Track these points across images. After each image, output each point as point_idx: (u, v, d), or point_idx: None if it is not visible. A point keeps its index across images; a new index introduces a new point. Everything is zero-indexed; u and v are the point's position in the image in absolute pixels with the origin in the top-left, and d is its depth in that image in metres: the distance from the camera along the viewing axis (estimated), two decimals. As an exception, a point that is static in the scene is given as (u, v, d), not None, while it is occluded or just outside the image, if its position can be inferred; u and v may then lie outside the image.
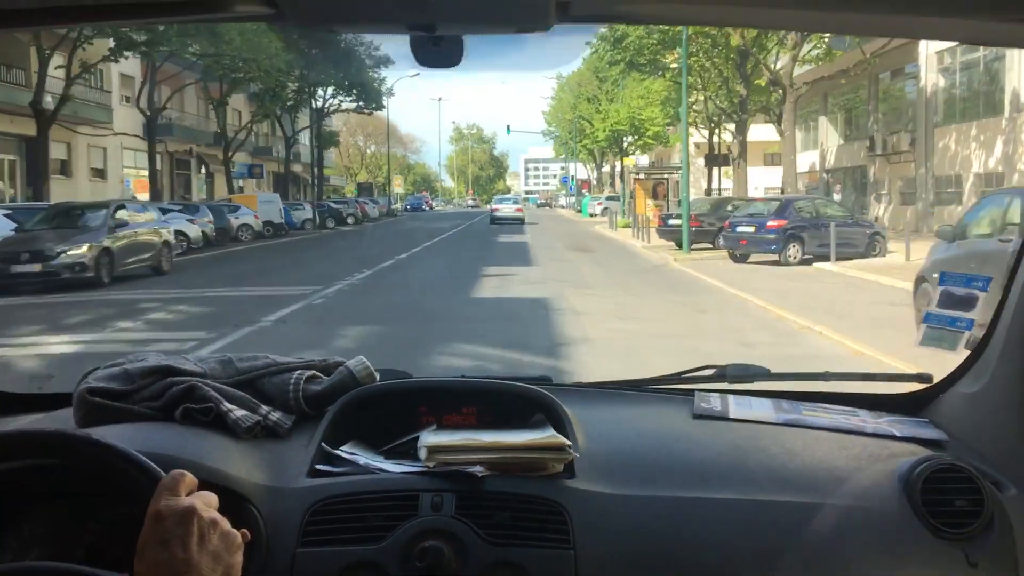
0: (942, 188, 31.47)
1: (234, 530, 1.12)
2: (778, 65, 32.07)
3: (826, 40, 30.06)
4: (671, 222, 26.98)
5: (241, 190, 44.66)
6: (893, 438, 1.81)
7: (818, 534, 1.59)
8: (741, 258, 21.80)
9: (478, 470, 1.59)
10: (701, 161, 42.61)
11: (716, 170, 40.40)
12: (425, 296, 15.60)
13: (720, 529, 1.58)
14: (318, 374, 1.89)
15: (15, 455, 1.28)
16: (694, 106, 36.36)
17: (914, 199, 32.83)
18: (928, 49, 31.61)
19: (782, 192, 31.15)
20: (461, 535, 1.53)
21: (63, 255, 16.81)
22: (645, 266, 22.04)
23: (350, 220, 46.35)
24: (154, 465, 1.24)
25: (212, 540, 1.08)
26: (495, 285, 16.95)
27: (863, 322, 11.53)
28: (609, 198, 55.00)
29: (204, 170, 46.01)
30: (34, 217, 18.94)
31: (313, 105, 48.05)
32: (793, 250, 20.77)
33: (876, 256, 20.71)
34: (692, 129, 38.54)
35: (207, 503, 1.12)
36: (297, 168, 57.34)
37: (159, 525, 1.07)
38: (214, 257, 25.23)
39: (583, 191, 72.26)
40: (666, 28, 30.35)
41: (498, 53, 1.48)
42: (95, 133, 35.39)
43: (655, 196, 36.82)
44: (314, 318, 12.65)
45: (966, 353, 1.91)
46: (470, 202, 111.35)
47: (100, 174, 36.58)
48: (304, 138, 55.46)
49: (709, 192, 39.61)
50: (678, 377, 2.16)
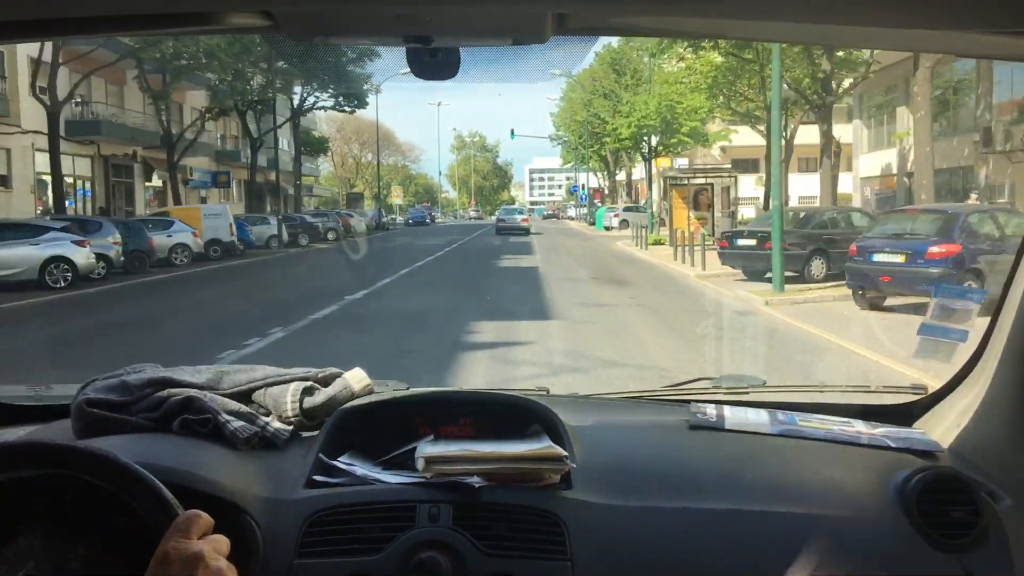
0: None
1: None
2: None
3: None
4: (740, 242, 18.63)
5: (204, 201, 38.22)
6: (888, 448, 1.81)
7: (814, 545, 1.59)
8: (875, 302, 13.81)
9: (475, 481, 1.59)
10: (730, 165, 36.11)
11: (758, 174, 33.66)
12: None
13: (716, 540, 1.58)
14: (316, 385, 1.90)
15: (14, 466, 1.28)
16: (749, 92, 30.86)
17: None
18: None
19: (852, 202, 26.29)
20: (458, 546, 1.53)
21: None
22: (728, 316, 14.35)
23: (330, 236, 39.45)
24: (155, 479, 1.25)
25: None
26: (490, 379, 8.53)
27: None
28: (627, 208, 48.96)
29: (154, 178, 37.42)
30: None
31: (292, 103, 42.43)
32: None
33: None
34: (739, 126, 35.22)
35: (217, 549, 1.10)
36: (281, 178, 49.45)
37: (164, 568, 1.05)
38: (102, 293, 18.50)
39: (595, 201, 65.88)
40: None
41: (495, 64, 1.48)
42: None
43: (696, 206, 29.49)
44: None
45: (961, 363, 1.92)
46: (472, 213, 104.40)
47: (3, 181, 28.39)
48: (286, 143, 49.31)
49: (766, 204, 29.51)
50: (674, 388, 2.17)
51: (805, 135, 31.65)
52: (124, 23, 1.33)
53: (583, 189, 70.99)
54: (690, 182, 31.20)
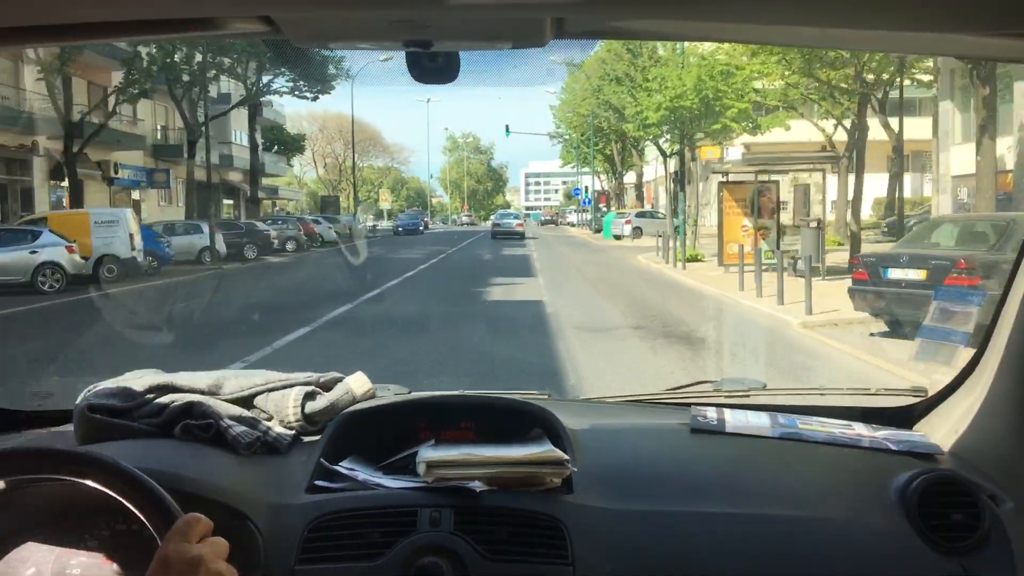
0: None
1: None
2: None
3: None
4: (895, 276, 11.02)
5: (138, 205, 32.25)
6: (889, 451, 1.81)
7: (815, 548, 1.59)
8: None
9: (476, 485, 1.60)
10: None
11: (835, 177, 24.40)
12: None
13: (717, 544, 1.58)
14: (317, 390, 1.90)
15: (17, 471, 1.29)
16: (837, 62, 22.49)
17: None
18: None
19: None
20: (460, 551, 1.53)
21: None
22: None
23: (289, 247, 33.44)
24: (157, 485, 1.25)
25: None
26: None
27: None
28: (640, 215, 42.44)
29: (63, 175, 27.83)
30: None
31: (246, 87, 35.05)
32: None
33: None
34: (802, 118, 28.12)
35: (216, 552, 1.11)
36: (236, 177, 41.80)
37: (165, 571, 1.06)
38: None
39: (600, 206, 57.59)
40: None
41: (495, 68, 1.49)
42: None
43: (758, 212, 20.52)
44: None
45: (961, 365, 1.92)
46: (465, 219, 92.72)
47: None
48: (265, 138, 43.83)
49: (857, 208, 22.81)
50: (675, 391, 2.17)
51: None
52: (124, 28, 1.34)
53: (586, 192, 61.98)
54: (760, 178, 21.31)
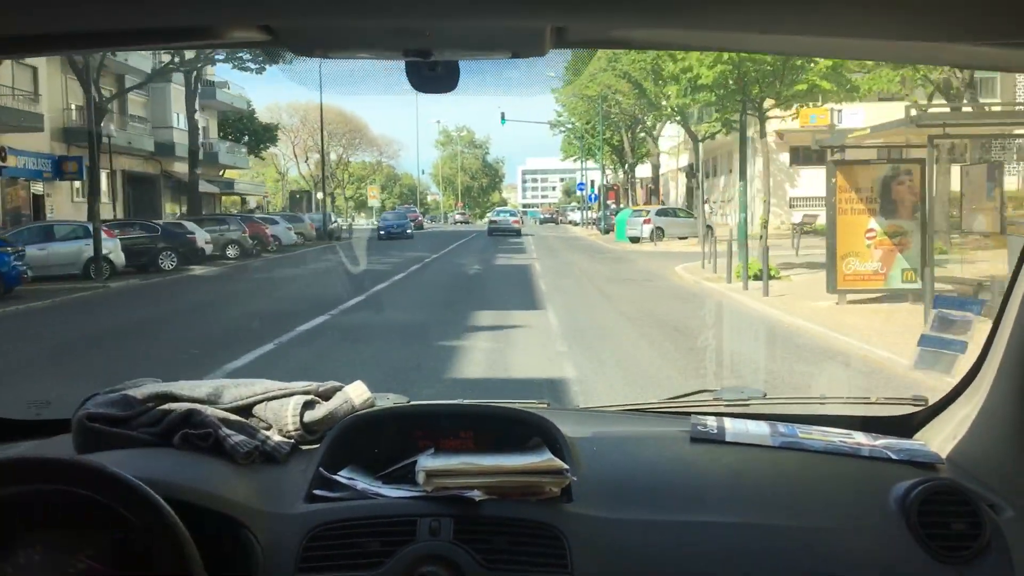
0: None
1: None
2: None
3: None
4: None
5: (40, 200, 26.95)
6: (889, 460, 1.81)
7: (815, 557, 1.59)
8: None
9: (476, 494, 1.59)
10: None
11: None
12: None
13: (717, 553, 1.58)
14: (316, 399, 1.89)
15: (16, 481, 1.28)
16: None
17: None
18: None
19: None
20: (459, 560, 1.52)
21: None
22: None
23: (231, 252, 27.65)
24: (155, 494, 1.25)
25: None
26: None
27: None
28: (661, 212, 35.83)
29: None
30: None
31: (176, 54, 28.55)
32: None
33: None
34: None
35: None
36: (183, 169, 34.39)
37: None
38: None
39: (608, 202, 50.67)
40: None
41: (494, 77, 1.49)
42: None
43: (891, 208, 12.93)
44: None
45: (961, 374, 1.92)
46: (458, 217, 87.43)
47: None
48: (228, 127, 38.50)
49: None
50: (674, 400, 2.17)
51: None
52: (125, 38, 1.34)
53: (592, 187, 55.65)
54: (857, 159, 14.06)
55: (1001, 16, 1.18)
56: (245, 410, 1.86)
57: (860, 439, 1.90)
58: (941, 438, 1.89)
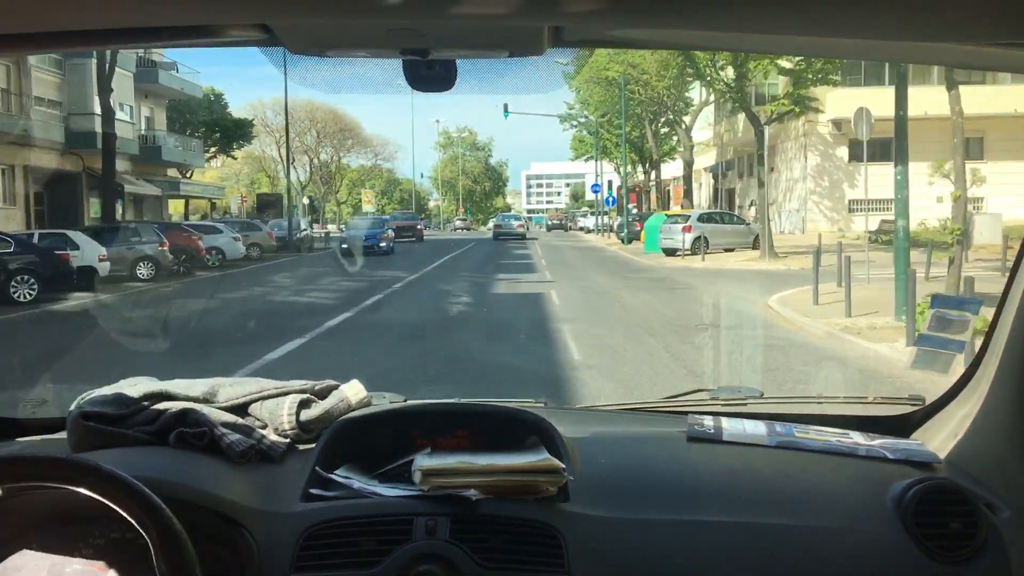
0: None
1: None
2: None
3: None
4: None
5: None
6: (886, 460, 1.81)
7: (812, 557, 1.59)
8: None
9: (472, 493, 1.59)
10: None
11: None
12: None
13: (714, 553, 1.58)
14: (312, 398, 1.89)
15: (11, 479, 1.28)
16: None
17: None
18: None
19: None
20: (455, 560, 1.52)
21: None
22: None
23: (143, 271, 21.88)
24: (151, 493, 1.24)
25: None
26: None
27: None
28: (704, 217, 28.74)
29: None
30: None
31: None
32: None
33: None
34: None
35: None
36: (118, 167, 28.35)
37: None
38: None
39: (629, 206, 41.80)
40: None
41: (492, 76, 1.49)
42: None
43: None
44: None
45: (958, 374, 1.92)
46: (459, 223, 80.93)
47: None
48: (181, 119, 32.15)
49: None
50: (671, 400, 2.16)
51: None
52: (122, 36, 1.34)
53: (609, 188, 48.33)
54: None
55: (1002, 16, 1.17)
56: (241, 409, 1.85)
57: (857, 438, 1.90)
58: (938, 438, 1.89)
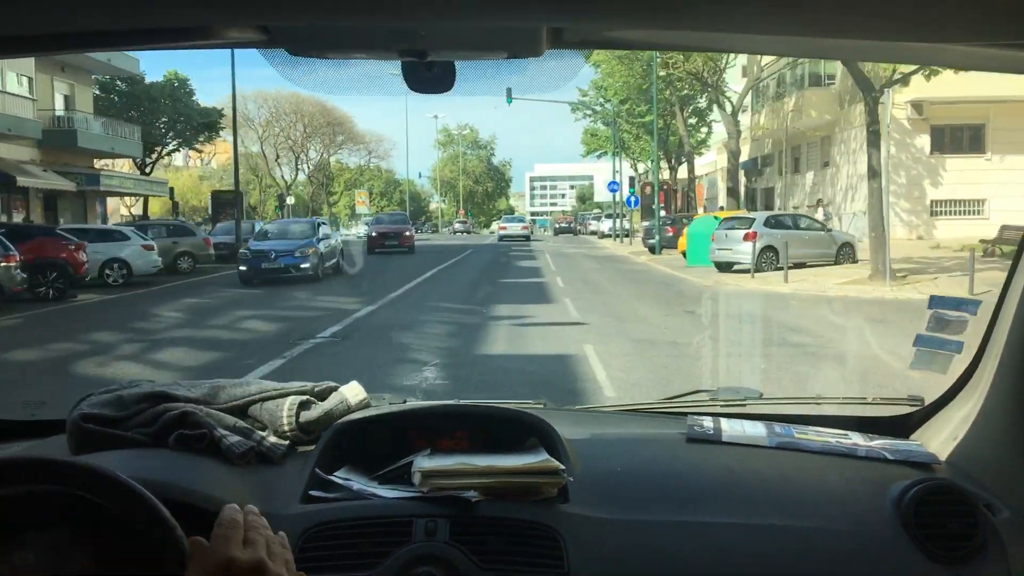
0: None
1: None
2: None
3: None
4: None
5: None
6: (885, 460, 1.81)
7: (812, 558, 1.59)
8: None
9: (472, 495, 1.59)
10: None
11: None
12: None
13: (714, 554, 1.58)
14: (312, 400, 1.89)
15: (9, 482, 1.28)
16: None
17: None
18: None
19: None
20: (455, 561, 1.52)
21: None
22: None
23: None
24: (150, 495, 1.24)
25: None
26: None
27: None
28: (774, 221, 21.80)
29: None
30: None
31: None
32: None
33: None
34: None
35: (275, 553, 1.14)
36: (16, 155, 24.24)
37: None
38: None
39: (656, 206, 33.02)
40: None
41: (491, 77, 1.49)
42: None
43: None
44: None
45: (957, 374, 1.92)
46: (458, 226, 74.25)
47: None
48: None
49: None
50: (671, 401, 2.16)
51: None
52: (121, 38, 1.34)
53: (631, 187, 40.31)
54: None
55: (1002, 18, 1.18)
56: (240, 411, 1.85)
57: (856, 439, 1.90)
58: (938, 438, 1.89)
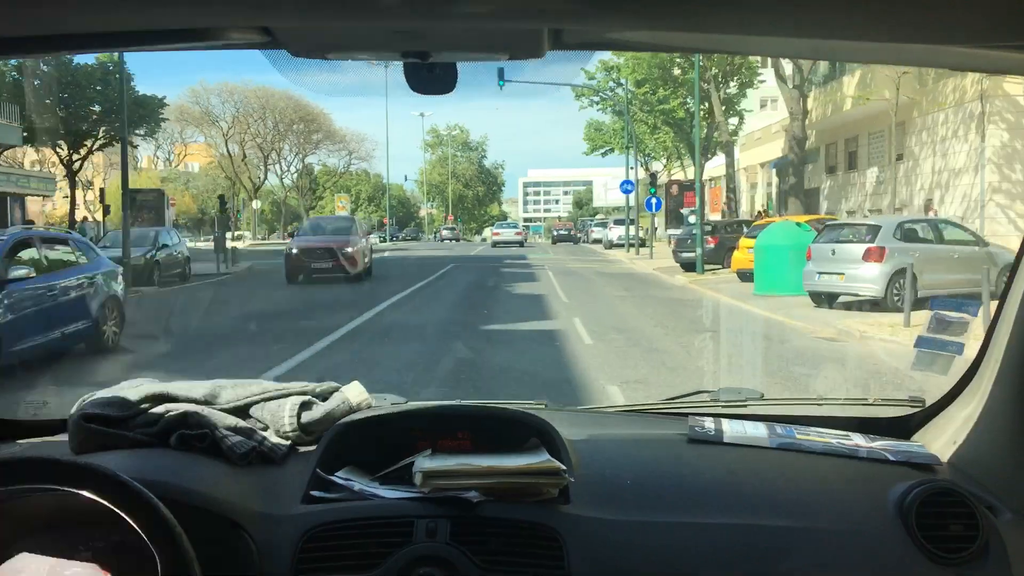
0: None
1: None
2: None
3: None
4: None
5: None
6: (887, 462, 1.81)
7: (813, 559, 1.59)
8: None
9: (473, 495, 1.59)
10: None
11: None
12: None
13: (715, 554, 1.58)
14: (314, 400, 1.89)
15: (12, 481, 1.28)
16: None
17: None
18: None
19: None
20: (456, 562, 1.52)
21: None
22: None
23: None
24: (152, 495, 1.25)
25: None
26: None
27: None
28: (909, 233, 14.44)
29: None
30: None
31: None
32: None
33: None
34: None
35: None
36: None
37: None
38: None
39: (686, 210, 31.04)
40: None
41: (492, 79, 1.49)
42: None
43: None
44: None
45: (958, 376, 1.92)
46: (445, 233, 67.79)
47: None
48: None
49: None
50: (672, 401, 2.17)
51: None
52: (123, 39, 1.34)
53: (651, 186, 33.12)
54: None
55: (1001, 18, 1.18)
56: (242, 411, 1.86)
57: (858, 440, 1.90)
58: (939, 440, 1.89)
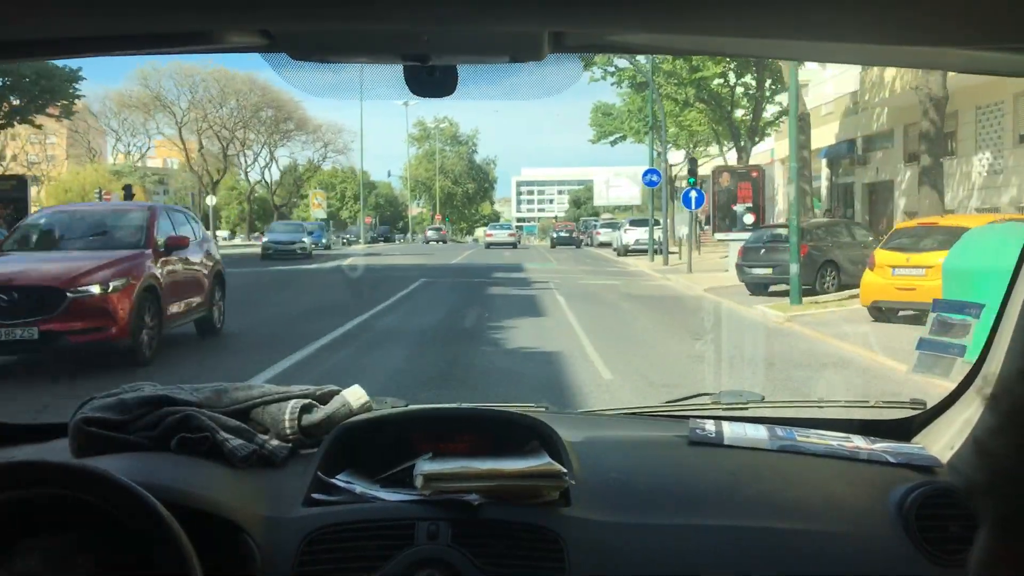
0: None
1: None
2: None
3: None
4: None
5: None
6: (887, 464, 1.81)
7: (814, 561, 1.58)
8: None
9: (474, 498, 1.59)
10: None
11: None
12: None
13: (716, 557, 1.58)
14: (314, 403, 1.89)
15: (13, 486, 1.28)
16: None
17: None
18: None
19: None
20: (457, 564, 1.52)
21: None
22: None
23: None
24: (153, 498, 1.24)
25: None
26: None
27: None
28: None
29: None
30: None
31: None
32: None
33: None
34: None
35: None
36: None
37: None
38: None
39: (745, 207, 23.81)
40: None
41: (492, 81, 1.49)
42: None
43: None
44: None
45: (959, 378, 1.92)
46: (431, 234, 64.30)
47: None
48: None
49: None
50: (673, 404, 2.16)
51: None
52: (121, 43, 1.34)
53: (691, 177, 25.96)
54: None
55: (1002, 21, 1.18)
56: (243, 414, 1.86)
57: (858, 442, 1.90)
58: (940, 442, 1.89)
